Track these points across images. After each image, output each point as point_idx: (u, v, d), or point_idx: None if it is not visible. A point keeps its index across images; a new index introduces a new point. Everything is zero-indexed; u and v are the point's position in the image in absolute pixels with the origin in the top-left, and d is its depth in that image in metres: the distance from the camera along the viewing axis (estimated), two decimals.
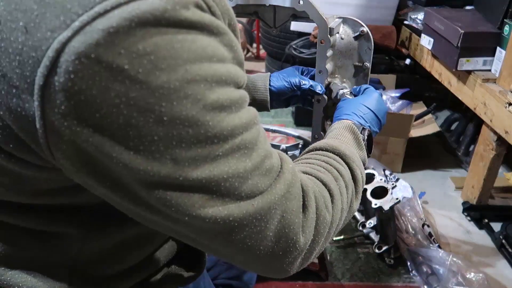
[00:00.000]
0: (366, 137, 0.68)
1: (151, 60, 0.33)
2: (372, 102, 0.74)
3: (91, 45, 0.31)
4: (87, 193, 0.44)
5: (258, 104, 0.83)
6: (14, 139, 0.37)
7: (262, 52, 3.36)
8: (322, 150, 0.60)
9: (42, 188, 0.43)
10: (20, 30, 0.33)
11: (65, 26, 0.32)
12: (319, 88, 0.80)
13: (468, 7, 1.82)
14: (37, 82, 0.32)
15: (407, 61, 2.20)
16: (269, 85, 0.83)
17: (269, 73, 0.85)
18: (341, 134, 0.67)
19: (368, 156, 0.69)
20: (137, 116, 0.34)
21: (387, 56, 2.19)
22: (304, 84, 0.81)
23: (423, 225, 1.54)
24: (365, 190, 1.39)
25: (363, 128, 0.69)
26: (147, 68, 0.33)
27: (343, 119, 0.71)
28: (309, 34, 2.19)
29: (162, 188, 0.37)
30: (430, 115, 2.06)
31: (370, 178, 1.43)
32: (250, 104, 0.75)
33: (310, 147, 0.63)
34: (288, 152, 1.08)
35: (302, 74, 0.86)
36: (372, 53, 0.81)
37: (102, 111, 0.33)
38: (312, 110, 0.85)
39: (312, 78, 0.83)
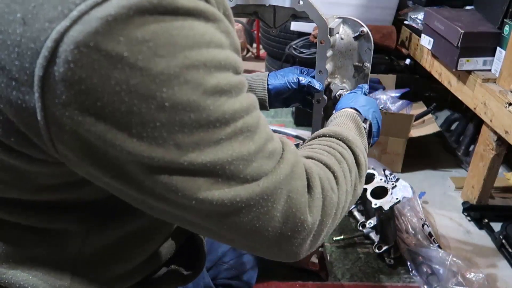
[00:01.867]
0: (367, 127, 0.68)
1: (150, 47, 0.33)
2: (364, 100, 0.75)
3: (90, 34, 0.31)
4: (88, 188, 0.44)
5: None
6: (15, 133, 0.37)
7: (262, 52, 3.36)
8: (325, 136, 0.61)
9: (44, 184, 0.43)
10: (18, 22, 0.33)
11: (63, 16, 0.32)
12: (317, 85, 0.80)
13: (468, 7, 1.82)
14: (37, 73, 0.32)
15: (407, 61, 2.20)
16: (267, 84, 0.83)
17: (267, 72, 0.85)
18: (343, 122, 0.67)
19: (369, 147, 0.70)
20: (138, 103, 0.34)
21: (387, 56, 2.19)
22: (303, 81, 0.81)
23: (423, 225, 1.54)
24: (365, 190, 1.39)
25: (365, 119, 0.70)
26: (147, 55, 0.33)
27: (345, 107, 0.71)
28: (309, 34, 2.19)
29: (167, 174, 0.37)
30: (430, 115, 2.05)
31: (370, 178, 1.43)
32: None
33: (313, 135, 0.64)
34: None
35: (301, 73, 0.86)
36: (372, 53, 0.81)
37: (103, 99, 0.33)
38: (312, 111, 0.85)
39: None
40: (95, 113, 0.34)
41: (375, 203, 1.35)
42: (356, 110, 0.71)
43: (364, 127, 0.68)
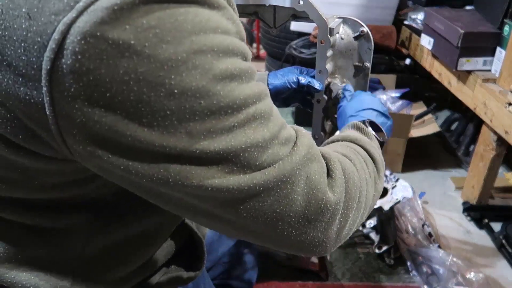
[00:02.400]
0: (368, 127, 0.67)
1: (156, 33, 0.33)
2: (349, 108, 0.75)
3: (96, 24, 0.31)
4: (93, 184, 0.44)
5: None
6: (23, 130, 0.37)
7: (262, 52, 3.36)
8: (333, 141, 0.61)
9: (50, 182, 0.43)
10: (23, 17, 0.33)
11: (69, 8, 0.32)
12: (317, 85, 0.80)
13: (468, 7, 1.82)
14: (44, 67, 0.32)
15: (407, 61, 2.20)
16: (267, 83, 0.83)
17: (267, 72, 0.85)
18: (344, 131, 0.67)
19: (384, 141, 0.69)
20: (147, 92, 0.34)
21: (387, 56, 2.19)
22: (302, 81, 0.80)
23: (423, 225, 1.54)
24: None
25: (364, 121, 0.69)
26: (153, 41, 0.33)
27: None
28: (309, 34, 2.19)
29: (179, 163, 0.37)
30: (430, 115, 2.06)
31: None
32: None
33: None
34: None
35: (301, 73, 0.85)
36: (372, 53, 0.81)
37: (112, 90, 0.33)
38: (311, 111, 0.85)
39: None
40: (104, 104, 0.33)
41: None
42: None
43: (366, 127, 0.67)
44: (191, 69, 0.35)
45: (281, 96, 0.84)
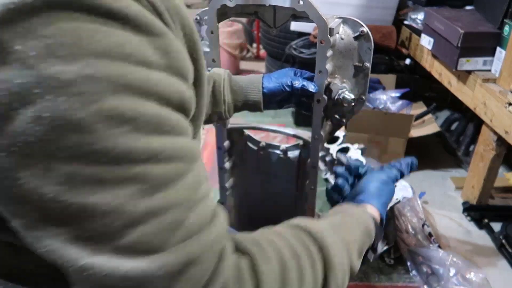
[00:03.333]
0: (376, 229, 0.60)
1: (48, 44, 0.28)
2: (389, 193, 0.70)
3: None
4: None
5: (251, 105, 0.83)
6: None
7: (262, 52, 3.36)
8: (311, 236, 0.48)
9: None
10: None
11: None
12: (312, 87, 0.79)
13: (468, 7, 1.82)
14: None
15: (407, 61, 2.21)
16: (262, 86, 0.82)
17: (262, 74, 0.85)
18: (353, 228, 0.57)
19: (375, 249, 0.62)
20: (15, 105, 0.28)
21: (387, 56, 2.19)
22: (296, 84, 0.80)
23: (423, 225, 1.54)
24: None
25: (381, 219, 0.63)
26: (41, 52, 0.28)
27: (368, 203, 0.64)
28: (309, 34, 2.19)
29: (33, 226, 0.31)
30: (430, 115, 2.06)
31: None
32: (244, 105, 0.68)
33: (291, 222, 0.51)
34: (288, 152, 1.08)
35: (295, 75, 0.85)
36: (372, 53, 0.81)
37: None
38: (308, 113, 0.85)
39: (311, 79, 0.83)
40: None
41: None
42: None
43: (373, 231, 0.60)
44: (73, 94, 0.28)
45: (275, 99, 0.84)
